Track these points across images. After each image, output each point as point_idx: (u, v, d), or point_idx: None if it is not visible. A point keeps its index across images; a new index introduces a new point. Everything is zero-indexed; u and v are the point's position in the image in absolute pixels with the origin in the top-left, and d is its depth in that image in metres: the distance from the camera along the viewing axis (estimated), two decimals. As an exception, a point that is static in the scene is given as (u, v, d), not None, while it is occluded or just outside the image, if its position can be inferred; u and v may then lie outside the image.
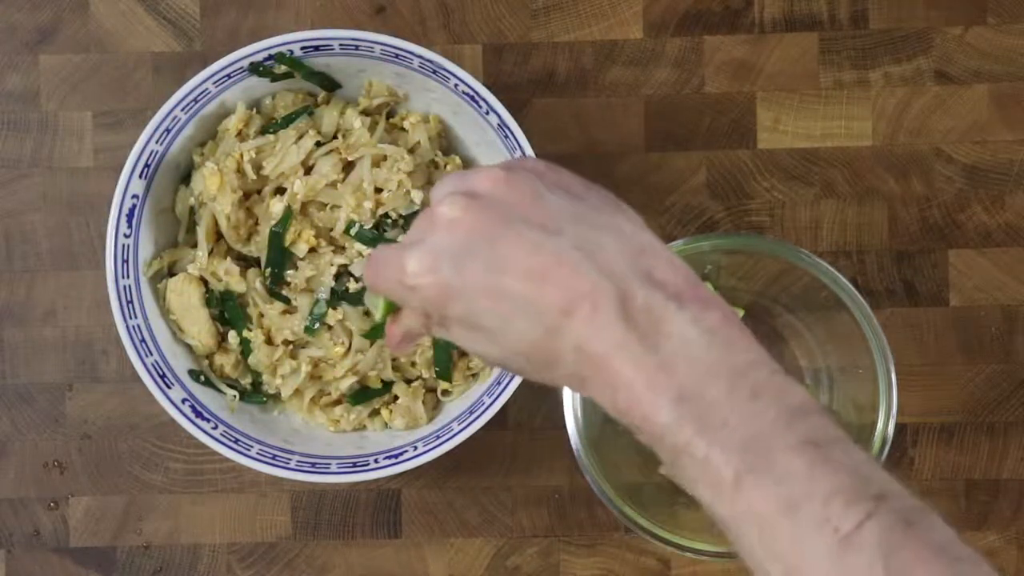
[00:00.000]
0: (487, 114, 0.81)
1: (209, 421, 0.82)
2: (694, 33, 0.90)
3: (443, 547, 0.89)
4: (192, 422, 0.82)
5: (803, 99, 0.90)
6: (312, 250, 0.84)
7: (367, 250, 0.83)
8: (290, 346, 0.85)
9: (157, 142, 0.82)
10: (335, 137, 0.85)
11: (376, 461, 0.82)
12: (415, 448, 0.82)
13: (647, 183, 0.89)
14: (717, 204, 0.90)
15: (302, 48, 0.82)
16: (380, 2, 0.90)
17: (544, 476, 0.89)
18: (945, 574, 0.51)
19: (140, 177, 0.82)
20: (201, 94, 0.82)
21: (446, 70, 0.81)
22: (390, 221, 0.83)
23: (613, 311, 0.55)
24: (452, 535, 0.89)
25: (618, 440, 0.78)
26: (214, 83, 0.82)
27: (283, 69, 0.83)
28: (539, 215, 0.58)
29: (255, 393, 0.86)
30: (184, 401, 0.82)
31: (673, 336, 0.55)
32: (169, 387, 0.82)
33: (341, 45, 0.82)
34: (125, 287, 0.82)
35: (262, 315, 0.84)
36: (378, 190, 0.83)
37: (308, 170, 0.84)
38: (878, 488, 0.53)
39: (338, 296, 0.84)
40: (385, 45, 0.81)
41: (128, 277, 0.83)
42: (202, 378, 0.85)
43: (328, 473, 0.82)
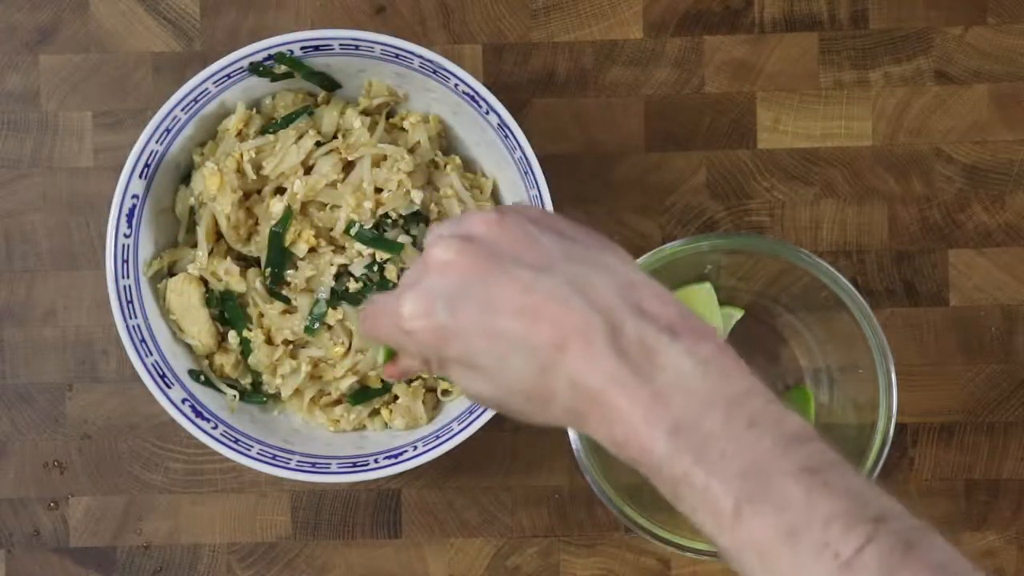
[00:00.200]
0: (487, 114, 0.81)
1: (209, 421, 0.82)
2: (694, 33, 0.90)
3: (443, 547, 0.89)
4: (192, 422, 0.82)
5: (803, 99, 0.90)
6: (312, 250, 0.84)
7: (367, 250, 0.83)
8: (290, 346, 0.85)
9: (157, 142, 0.82)
10: (335, 137, 0.85)
11: (376, 461, 0.82)
12: (415, 448, 0.82)
13: (647, 183, 0.89)
14: (717, 204, 0.90)
15: (302, 48, 0.82)
16: (380, 2, 0.90)
17: (544, 476, 0.89)
18: None
19: (140, 177, 0.82)
20: (201, 94, 0.82)
21: (446, 70, 0.81)
22: (390, 221, 0.83)
23: (605, 344, 0.56)
24: (452, 535, 0.89)
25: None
26: (214, 83, 0.82)
27: (283, 69, 0.83)
28: (531, 255, 0.59)
29: (255, 393, 0.86)
30: (184, 401, 0.82)
31: (667, 368, 0.56)
32: (169, 387, 0.82)
33: (341, 45, 0.82)
34: (125, 287, 0.82)
35: (262, 315, 0.84)
36: (378, 190, 0.83)
37: (308, 170, 0.84)
38: (877, 511, 0.53)
39: (338, 296, 0.84)
40: (385, 45, 0.81)
41: (128, 277, 0.83)
42: (202, 378, 0.85)
43: (328, 473, 0.82)
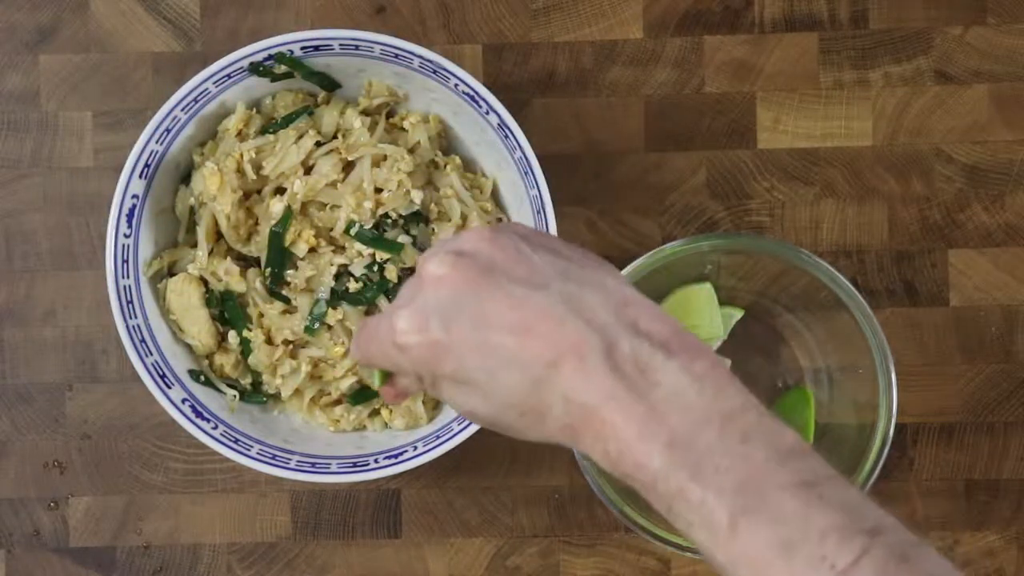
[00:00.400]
0: (487, 114, 0.81)
1: (209, 421, 0.82)
2: (694, 33, 0.90)
3: (443, 547, 0.89)
4: (192, 422, 0.82)
5: (803, 99, 0.90)
6: (312, 250, 0.84)
7: (367, 250, 0.83)
8: (290, 346, 0.85)
9: (157, 142, 0.82)
10: (335, 137, 0.85)
11: (376, 461, 0.82)
12: (415, 448, 0.82)
13: (647, 183, 0.89)
14: (717, 204, 0.90)
15: (302, 48, 0.82)
16: (380, 2, 0.90)
17: (544, 476, 0.89)
18: None
19: (140, 177, 0.82)
20: (201, 94, 0.82)
21: (446, 70, 0.81)
22: (390, 221, 0.83)
23: (600, 361, 0.56)
24: (452, 535, 0.89)
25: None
26: (214, 83, 0.82)
27: (283, 69, 0.83)
28: (524, 271, 0.59)
29: (255, 393, 0.86)
30: (184, 401, 0.82)
31: (662, 384, 0.56)
32: (169, 387, 0.82)
33: (341, 45, 0.82)
34: (125, 287, 0.82)
35: (262, 315, 0.84)
36: (378, 190, 0.83)
37: (308, 170, 0.84)
38: (872, 524, 0.53)
39: (338, 296, 0.84)
40: (385, 45, 0.81)
41: (128, 277, 0.83)
42: (202, 378, 0.85)
43: (328, 473, 0.82)
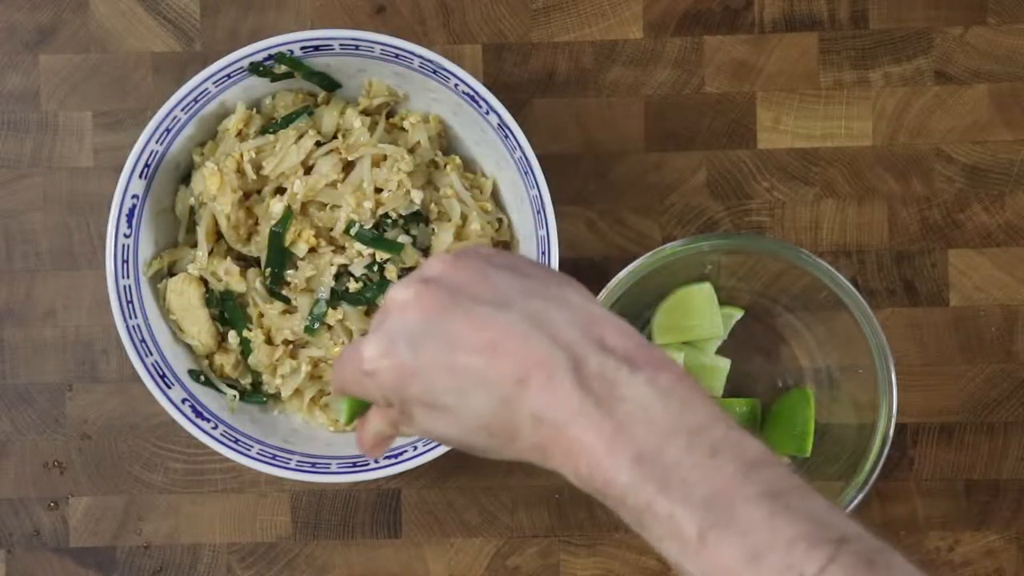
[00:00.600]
0: (487, 114, 0.81)
1: (209, 421, 0.82)
2: (694, 33, 0.90)
3: (443, 547, 0.89)
4: (192, 422, 0.82)
5: (803, 99, 0.90)
6: (312, 250, 0.84)
7: (367, 250, 0.83)
8: (290, 346, 0.85)
9: (157, 142, 0.82)
10: (335, 137, 0.85)
11: (376, 461, 0.82)
12: (415, 448, 0.82)
13: (647, 183, 0.89)
14: (717, 204, 0.90)
15: (302, 48, 0.82)
16: (380, 2, 0.90)
17: (544, 476, 0.89)
18: None
19: (140, 177, 0.82)
20: (201, 94, 0.82)
21: (446, 70, 0.81)
22: (390, 221, 0.83)
23: (567, 378, 0.57)
24: (452, 535, 0.89)
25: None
26: (214, 83, 0.82)
27: (283, 69, 0.83)
28: (488, 292, 0.59)
29: (255, 393, 0.86)
30: (184, 401, 0.82)
31: (628, 399, 0.56)
32: (169, 387, 0.82)
33: (341, 45, 0.82)
34: (125, 287, 0.82)
35: (262, 315, 0.84)
36: (378, 190, 0.83)
37: (308, 170, 0.84)
38: (839, 532, 0.54)
39: (338, 296, 0.84)
40: (385, 45, 0.81)
41: (128, 277, 0.83)
42: (202, 378, 0.85)
43: (328, 473, 0.82)
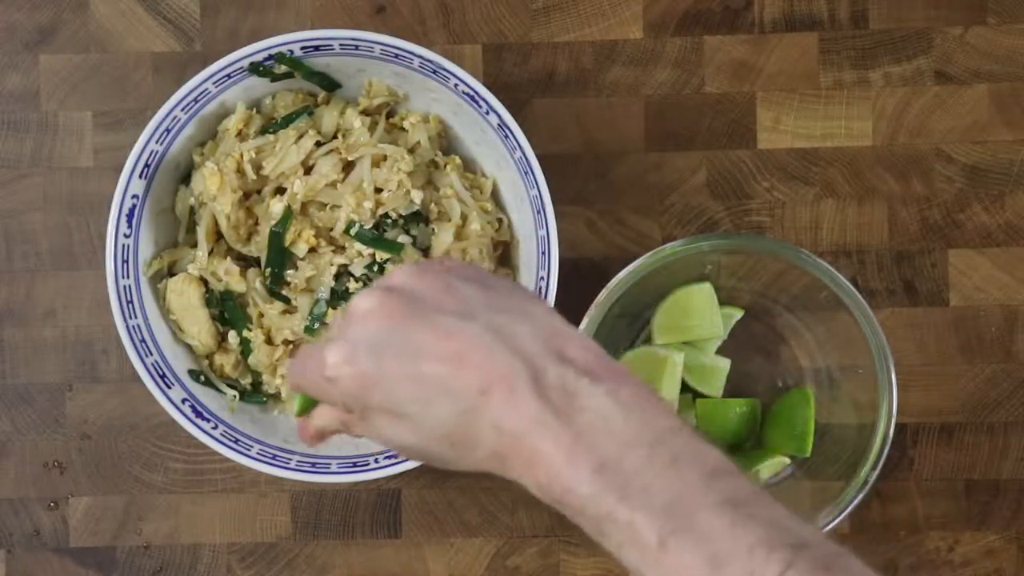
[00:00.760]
0: (487, 114, 0.81)
1: (209, 421, 0.82)
2: (694, 33, 0.90)
3: (443, 547, 0.89)
4: (192, 422, 0.82)
5: (803, 99, 0.90)
6: (312, 250, 0.84)
7: (367, 250, 0.83)
8: (290, 346, 0.85)
9: (157, 142, 0.82)
10: (335, 137, 0.85)
11: (376, 461, 0.82)
12: (415, 448, 0.82)
13: (647, 183, 0.89)
14: (717, 204, 0.90)
15: (302, 48, 0.82)
16: (380, 2, 0.90)
17: (544, 476, 0.89)
18: None
19: (140, 177, 0.82)
20: (201, 94, 0.82)
21: (446, 70, 0.81)
22: (390, 221, 0.83)
23: (527, 389, 0.57)
24: (452, 535, 0.89)
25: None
26: (214, 83, 0.82)
27: (283, 69, 0.83)
28: (451, 303, 0.60)
29: (255, 393, 0.86)
30: (184, 401, 0.82)
31: (588, 409, 0.57)
32: (169, 387, 0.82)
33: (341, 45, 0.82)
34: (125, 287, 0.82)
35: (262, 315, 0.84)
36: (378, 190, 0.83)
37: (308, 170, 0.84)
38: (797, 538, 0.55)
39: (338, 296, 0.84)
40: (385, 45, 0.81)
41: (128, 277, 0.83)
42: (202, 378, 0.85)
43: (328, 473, 0.82)
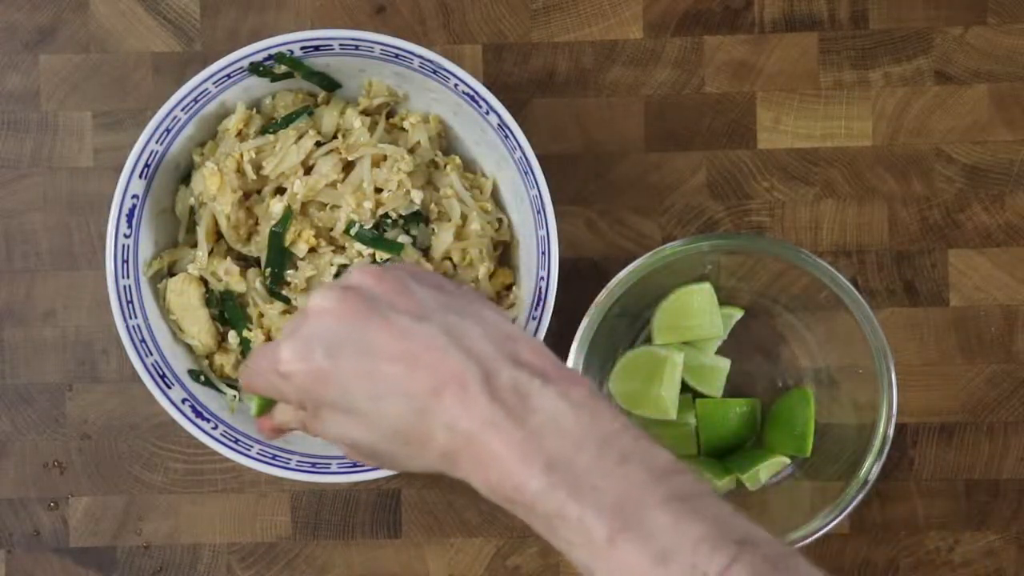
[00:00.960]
0: (487, 114, 0.81)
1: (209, 421, 0.82)
2: (694, 33, 0.90)
3: (443, 547, 0.89)
4: (192, 422, 0.82)
5: (803, 99, 0.90)
6: (312, 250, 0.84)
7: (367, 250, 0.83)
8: (290, 346, 0.85)
9: (157, 142, 0.82)
10: (335, 137, 0.85)
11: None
12: (415, 448, 0.82)
13: (647, 183, 0.89)
14: (717, 204, 0.90)
15: (302, 48, 0.82)
16: (380, 2, 0.90)
17: (544, 476, 0.89)
18: None
19: (140, 177, 0.82)
20: (201, 94, 0.82)
21: (446, 70, 0.81)
22: (390, 221, 0.83)
23: (480, 390, 0.59)
24: (452, 535, 0.89)
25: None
26: (214, 83, 0.82)
27: (283, 69, 0.83)
28: (408, 304, 0.61)
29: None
30: (184, 401, 0.82)
31: (540, 410, 0.59)
32: (169, 387, 0.82)
33: (341, 45, 0.82)
34: (125, 287, 0.82)
35: (262, 315, 0.84)
36: (378, 190, 0.83)
37: (308, 170, 0.84)
38: (742, 534, 0.56)
39: (338, 296, 0.84)
40: (385, 45, 0.81)
41: (128, 277, 0.83)
42: (202, 378, 0.85)
43: (328, 473, 0.82)
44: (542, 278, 0.81)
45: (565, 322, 0.83)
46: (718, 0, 0.90)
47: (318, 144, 0.84)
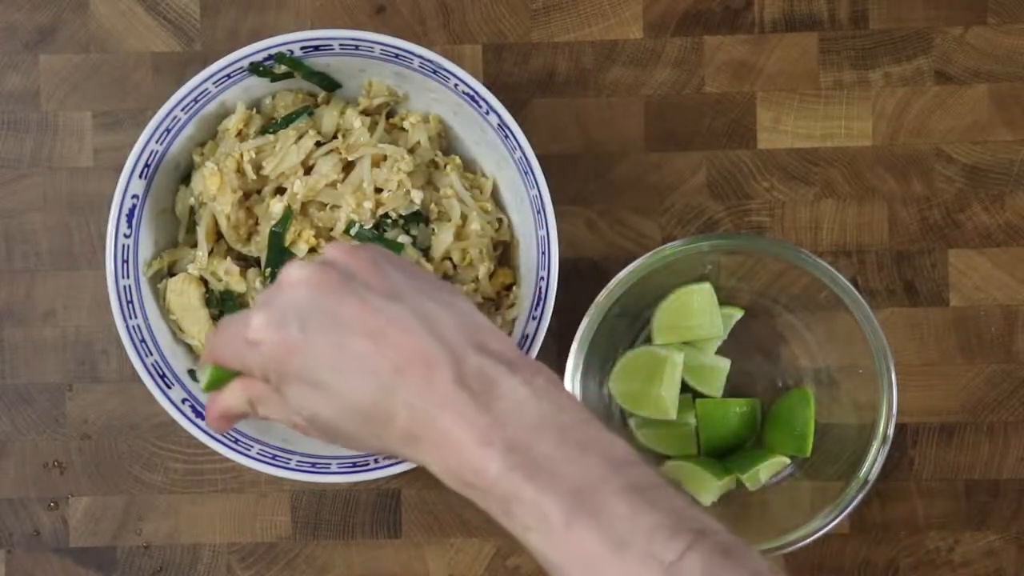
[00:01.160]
0: (487, 114, 0.81)
1: (209, 421, 0.82)
2: (694, 33, 0.90)
3: (443, 547, 0.89)
4: (192, 422, 0.82)
5: (803, 99, 0.90)
6: (312, 250, 0.84)
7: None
8: (290, 346, 0.85)
9: (157, 142, 0.82)
10: (335, 137, 0.85)
11: (376, 461, 0.82)
12: (415, 448, 0.82)
13: (647, 183, 0.89)
14: (717, 204, 0.90)
15: (302, 48, 0.82)
16: (380, 2, 0.90)
17: (544, 476, 0.89)
18: None
19: (140, 177, 0.82)
20: (201, 94, 0.82)
21: (446, 70, 0.81)
22: (390, 221, 0.83)
23: (447, 373, 0.60)
24: (452, 535, 0.89)
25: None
26: (214, 83, 0.82)
27: (283, 69, 0.83)
28: (381, 284, 0.62)
29: (255, 393, 0.86)
30: (184, 401, 0.82)
31: (505, 397, 0.59)
32: (169, 387, 0.82)
33: (341, 45, 0.82)
34: (125, 287, 0.82)
35: (262, 315, 0.84)
36: (378, 190, 0.83)
37: (308, 170, 0.84)
38: (697, 524, 0.57)
39: (338, 296, 0.84)
40: (385, 45, 0.81)
41: (128, 277, 0.83)
42: (202, 378, 0.85)
43: (328, 473, 0.82)
44: (542, 278, 0.81)
45: (565, 322, 0.83)
46: (718, 0, 0.90)
47: (318, 144, 0.84)
